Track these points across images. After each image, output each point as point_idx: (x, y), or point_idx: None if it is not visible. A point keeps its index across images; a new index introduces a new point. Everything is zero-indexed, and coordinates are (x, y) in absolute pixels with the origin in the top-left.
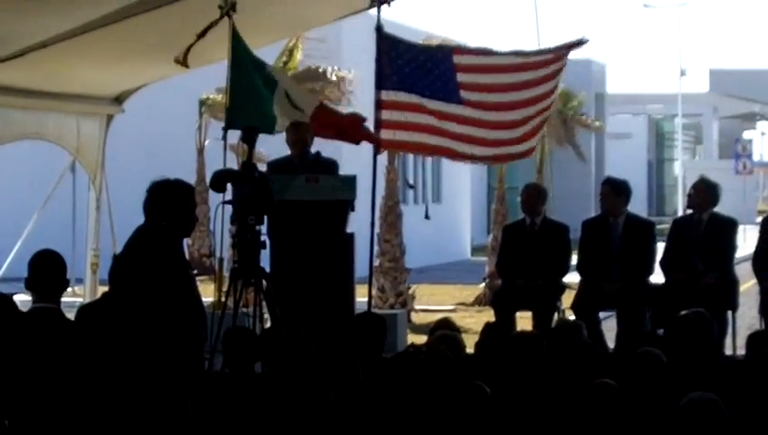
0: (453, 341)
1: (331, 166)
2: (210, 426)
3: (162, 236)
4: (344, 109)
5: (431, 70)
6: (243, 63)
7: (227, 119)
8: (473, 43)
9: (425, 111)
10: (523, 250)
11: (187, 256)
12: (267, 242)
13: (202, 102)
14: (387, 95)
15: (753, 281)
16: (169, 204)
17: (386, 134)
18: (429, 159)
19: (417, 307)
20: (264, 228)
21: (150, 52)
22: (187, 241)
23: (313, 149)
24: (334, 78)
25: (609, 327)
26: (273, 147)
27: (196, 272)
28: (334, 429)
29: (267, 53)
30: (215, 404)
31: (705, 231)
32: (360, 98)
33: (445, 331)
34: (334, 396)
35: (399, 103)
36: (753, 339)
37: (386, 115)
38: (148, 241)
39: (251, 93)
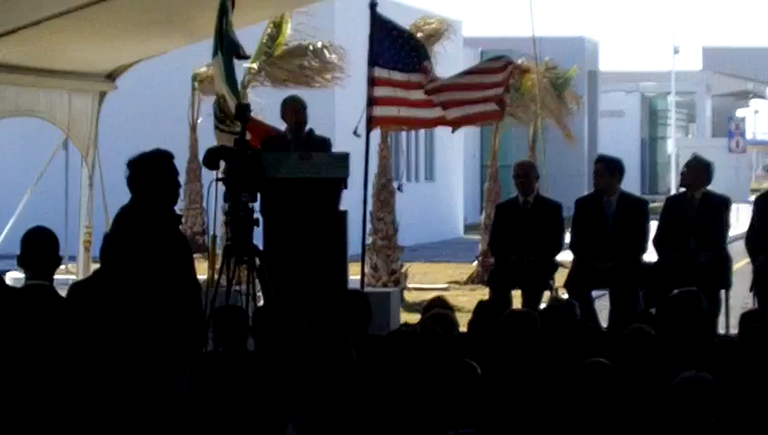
0: (446, 319)
1: (324, 143)
2: (203, 404)
3: (156, 211)
4: (335, 85)
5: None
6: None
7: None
8: (468, 21)
9: (412, 87)
10: (516, 228)
11: None
12: (260, 219)
13: (195, 79)
14: (380, 72)
15: (747, 260)
16: (156, 175)
17: (379, 111)
18: (422, 138)
19: (409, 285)
20: (256, 206)
21: (144, 28)
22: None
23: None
24: (328, 55)
25: (602, 306)
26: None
27: None
28: (327, 406)
29: (255, 28)
30: (207, 382)
31: (699, 209)
32: (353, 74)
33: (438, 309)
34: (325, 374)
35: (392, 81)
36: (745, 318)
37: (379, 92)
38: (142, 217)
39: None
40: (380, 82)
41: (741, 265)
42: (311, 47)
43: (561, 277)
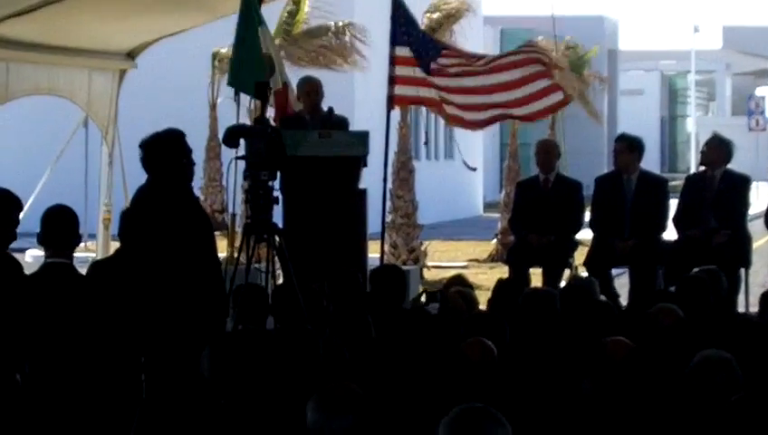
0: (466, 297)
1: (343, 123)
2: (222, 382)
3: (173, 189)
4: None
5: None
6: (251, 18)
7: (231, 76)
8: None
9: (435, 73)
10: (536, 206)
11: None
12: (280, 198)
13: (215, 57)
14: (401, 51)
15: (767, 238)
16: (170, 155)
17: (399, 90)
18: None
19: (429, 264)
20: (276, 184)
21: (164, 6)
22: (199, 197)
23: (325, 106)
24: (348, 36)
25: (622, 284)
26: None
27: None
28: (347, 385)
29: (273, 6)
30: (226, 361)
31: (719, 188)
32: (372, 54)
33: (458, 287)
34: (346, 352)
35: (412, 59)
36: (766, 297)
37: (399, 71)
38: (159, 196)
39: (255, 50)
40: (400, 60)
41: (761, 243)
42: (332, 27)
43: (580, 256)
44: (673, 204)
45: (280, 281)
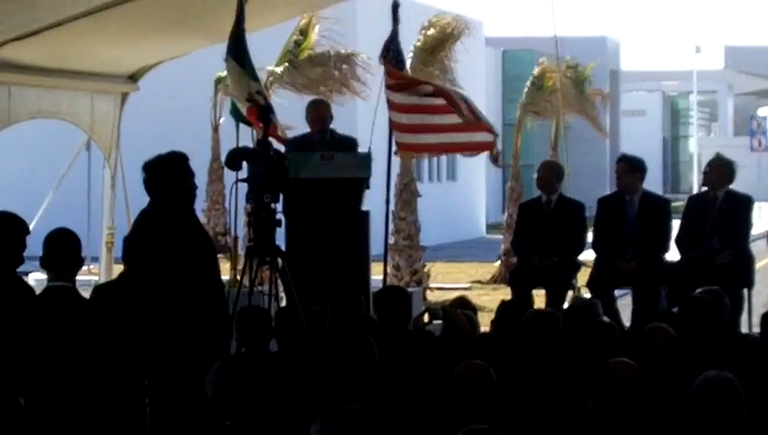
0: (468, 320)
1: (350, 143)
2: (225, 405)
3: (176, 213)
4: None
5: None
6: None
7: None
8: (489, 21)
9: (425, 110)
10: (539, 228)
11: None
12: (282, 220)
13: (217, 80)
14: (392, 96)
15: None
16: (172, 178)
17: (399, 137)
18: None
19: (432, 285)
20: (279, 206)
21: (166, 29)
22: (202, 219)
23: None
24: (357, 61)
25: (625, 305)
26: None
27: None
28: (351, 408)
29: (280, 32)
30: (229, 384)
31: (721, 208)
32: (374, 79)
33: (461, 310)
34: (349, 374)
35: (404, 106)
36: (767, 318)
37: (395, 117)
38: (162, 220)
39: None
40: (394, 106)
41: (763, 263)
42: (332, 55)
43: (583, 277)
44: (675, 225)
45: (283, 303)
